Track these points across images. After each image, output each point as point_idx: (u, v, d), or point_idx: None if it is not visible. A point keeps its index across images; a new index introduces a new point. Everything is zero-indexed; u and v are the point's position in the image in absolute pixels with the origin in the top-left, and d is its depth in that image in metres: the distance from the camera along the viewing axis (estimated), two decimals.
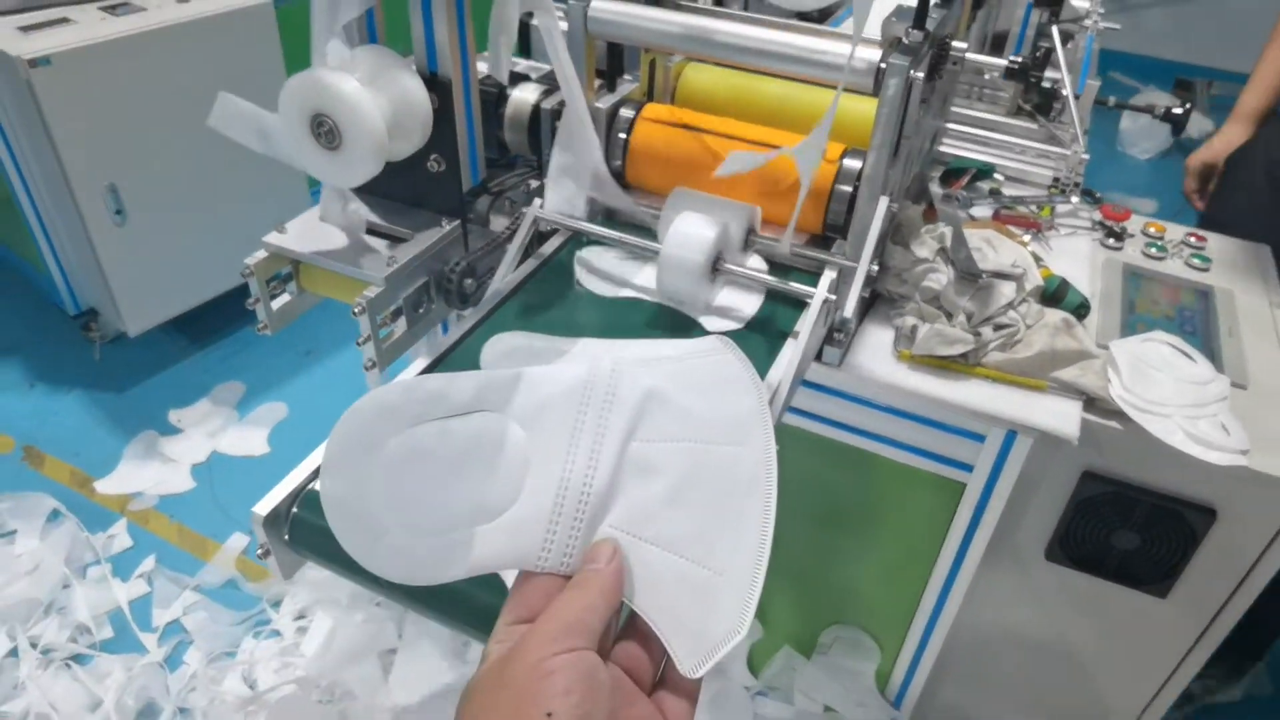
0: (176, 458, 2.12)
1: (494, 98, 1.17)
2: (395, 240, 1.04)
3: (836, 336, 1.01)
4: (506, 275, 1.00)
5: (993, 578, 1.20)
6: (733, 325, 0.93)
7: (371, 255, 1.01)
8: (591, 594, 0.46)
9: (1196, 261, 1.29)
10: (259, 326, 1.06)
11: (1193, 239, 1.35)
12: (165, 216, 2.16)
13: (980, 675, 1.34)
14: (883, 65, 0.89)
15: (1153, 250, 1.31)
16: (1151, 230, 1.36)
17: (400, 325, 1.03)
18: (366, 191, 1.09)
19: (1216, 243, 1.36)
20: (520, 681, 0.41)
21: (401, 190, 1.08)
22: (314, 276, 1.06)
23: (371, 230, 1.06)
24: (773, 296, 0.99)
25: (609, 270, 1.00)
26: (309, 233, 1.05)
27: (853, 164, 0.98)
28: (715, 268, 0.93)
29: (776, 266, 1.02)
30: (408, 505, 0.50)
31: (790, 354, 0.89)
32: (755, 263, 1.01)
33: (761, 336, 0.94)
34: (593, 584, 0.47)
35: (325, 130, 0.91)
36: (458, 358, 0.90)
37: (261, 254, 1.03)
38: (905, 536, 1.21)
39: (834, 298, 0.94)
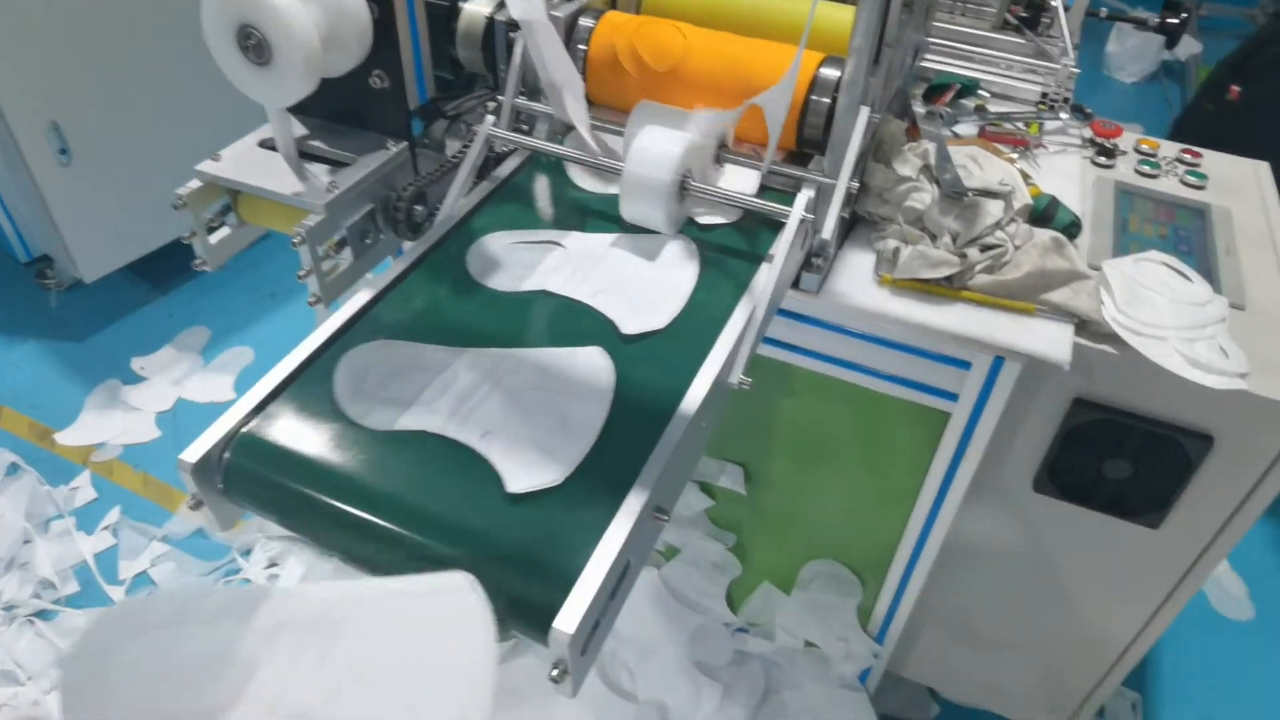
0: (140, 406, 2.05)
1: (444, 12, 1.08)
2: (337, 165, 0.97)
3: (815, 261, 0.95)
4: (458, 200, 0.93)
5: (978, 510, 1.16)
6: (689, 275, 0.86)
7: (312, 181, 0.94)
8: None
9: (1192, 179, 1.23)
10: (196, 262, 0.98)
11: (1187, 155, 1.29)
12: (114, 154, 2.05)
13: (965, 609, 1.31)
14: None
15: (1146, 168, 1.25)
16: (1144, 147, 1.30)
17: (346, 257, 0.96)
18: (305, 112, 1.01)
19: (1212, 159, 1.29)
20: None
21: (343, 111, 1.01)
22: (252, 206, 0.98)
23: (311, 155, 0.98)
24: (746, 218, 0.92)
25: (508, 261, 0.90)
26: (246, 159, 0.98)
27: (830, 73, 0.91)
28: (683, 186, 0.86)
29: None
30: (138, 702, 0.52)
31: (765, 279, 0.83)
32: (730, 180, 0.94)
33: (734, 261, 0.87)
34: None
35: (254, 44, 0.83)
36: (402, 293, 0.83)
37: (195, 184, 0.95)
38: (887, 469, 1.17)
39: (811, 218, 0.88)
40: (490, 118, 0.98)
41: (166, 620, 0.54)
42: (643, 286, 0.84)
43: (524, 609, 0.58)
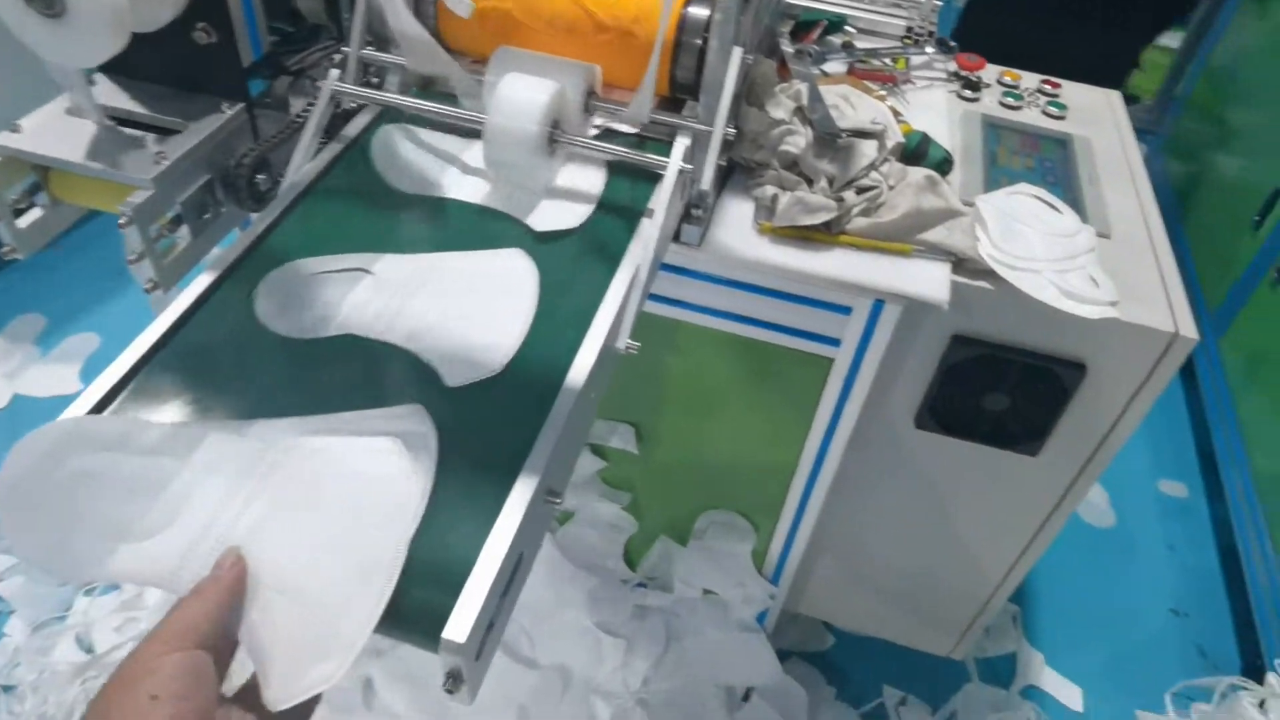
0: None
1: None
2: (165, 133, 0.86)
3: (694, 213, 0.91)
4: (303, 165, 0.84)
5: (864, 450, 1.17)
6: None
7: (136, 152, 0.84)
8: (206, 599, 0.50)
9: (1053, 109, 1.26)
10: (3, 250, 0.87)
11: (1047, 86, 1.31)
12: None
13: (856, 545, 1.34)
14: None
15: (1009, 99, 1.26)
16: (1007, 79, 1.31)
17: (184, 234, 0.87)
18: (121, 73, 0.90)
19: (1069, 89, 1.32)
20: (128, 677, 0.46)
21: (168, 71, 0.90)
22: (67, 183, 0.87)
23: (134, 122, 0.87)
24: (619, 170, 0.88)
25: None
26: (54, 129, 0.86)
27: (699, 11, 0.86)
28: (553, 139, 0.80)
29: (618, 135, 0.91)
30: (71, 513, 0.55)
31: (647, 235, 0.79)
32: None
33: (612, 218, 0.83)
34: (209, 589, 0.51)
35: None
36: (247, 269, 0.75)
37: None
38: (774, 417, 1.16)
39: (690, 168, 0.84)
40: (335, 72, 0.89)
41: (108, 444, 0.57)
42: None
43: (407, 616, 0.53)
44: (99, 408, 0.62)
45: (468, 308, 0.72)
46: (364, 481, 0.57)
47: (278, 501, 0.56)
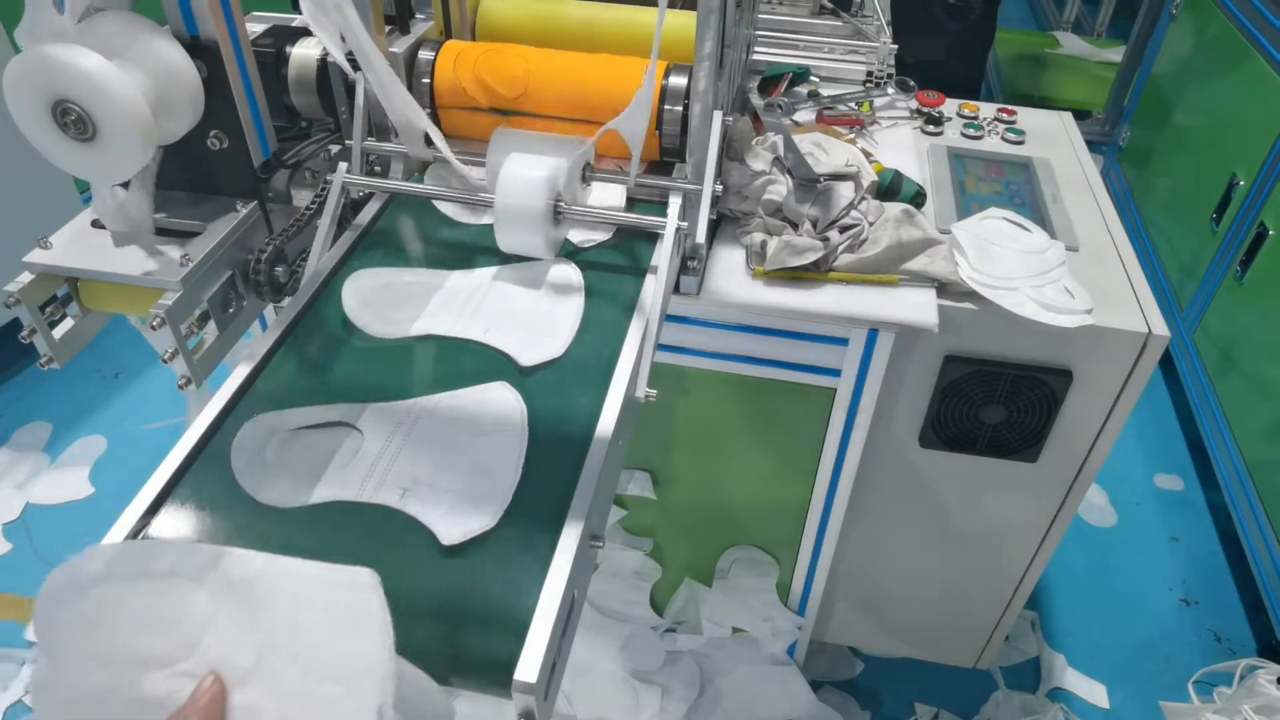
0: None
1: (272, 59, 1.04)
2: (186, 236, 0.91)
3: (691, 264, 0.97)
4: (323, 254, 0.89)
5: (874, 473, 1.22)
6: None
7: (161, 257, 0.88)
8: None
9: (1012, 135, 1.33)
10: (42, 361, 0.91)
11: (1004, 114, 1.39)
12: None
13: (875, 569, 1.38)
14: None
15: (970, 130, 1.34)
16: (966, 111, 1.39)
17: (210, 330, 0.91)
18: None
19: (1025, 115, 1.40)
20: None
21: (183, 178, 0.95)
22: (97, 292, 0.91)
23: (156, 229, 0.92)
24: (619, 232, 0.93)
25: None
26: (82, 242, 0.91)
27: (678, 81, 0.93)
28: (557, 210, 0.86)
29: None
30: (95, 646, 0.54)
31: (653, 291, 0.84)
32: (600, 197, 0.95)
33: (617, 277, 0.88)
34: (191, 713, 0.52)
35: (73, 119, 0.77)
36: (283, 359, 0.79)
37: (26, 276, 0.87)
38: (785, 449, 1.21)
39: (685, 225, 0.89)
40: (344, 164, 0.94)
41: (131, 572, 0.56)
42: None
43: (476, 663, 0.57)
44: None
45: (460, 464, 0.70)
46: (339, 621, 0.55)
47: (271, 638, 0.55)
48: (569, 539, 0.62)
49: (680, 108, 0.93)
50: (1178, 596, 1.78)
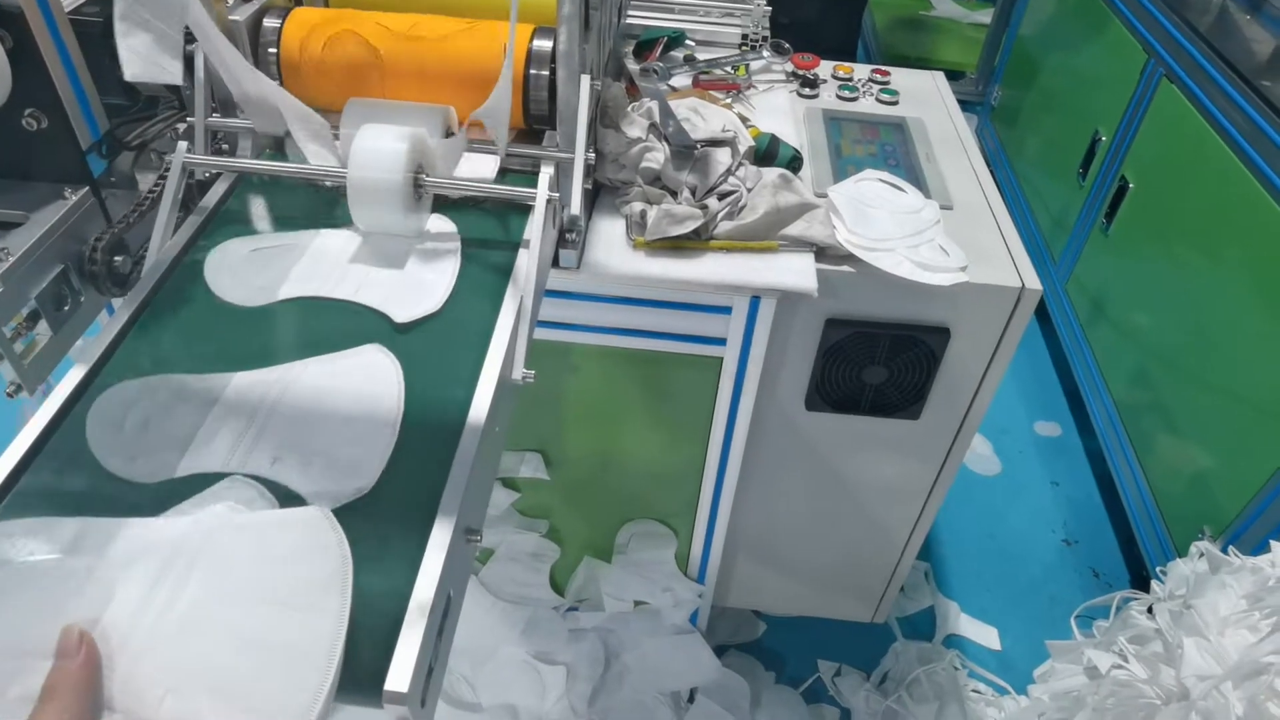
0: None
1: (99, 29, 0.95)
2: (5, 228, 0.82)
3: (568, 237, 0.94)
4: (165, 241, 0.82)
5: (764, 439, 1.22)
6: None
7: None
8: (61, 698, 0.47)
9: (886, 96, 1.34)
10: None
11: (878, 75, 1.40)
12: None
13: (771, 532, 1.39)
14: None
15: (845, 93, 1.34)
16: (840, 73, 1.39)
17: (43, 330, 0.83)
18: None
19: (899, 75, 1.42)
20: None
21: None
22: None
23: None
24: (490, 203, 0.89)
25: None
26: None
27: (544, 44, 0.89)
28: (418, 184, 0.81)
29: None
30: None
31: (526, 266, 0.81)
32: (469, 167, 0.91)
33: (489, 252, 0.84)
34: (60, 686, 0.48)
35: None
36: (123, 354, 0.73)
37: None
38: (676, 421, 1.20)
39: (557, 196, 0.86)
40: (183, 144, 0.87)
41: (18, 549, 0.55)
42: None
43: (344, 674, 0.54)
44: None
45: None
46: (290, 558, 0.57)
47: (205, 593, 0.54)
48: (442, 533, 0.59)
49: (547, 72, 0.89)
50: (1059, 538, 1.87)
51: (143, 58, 0.81)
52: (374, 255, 0.83)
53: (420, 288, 0.79)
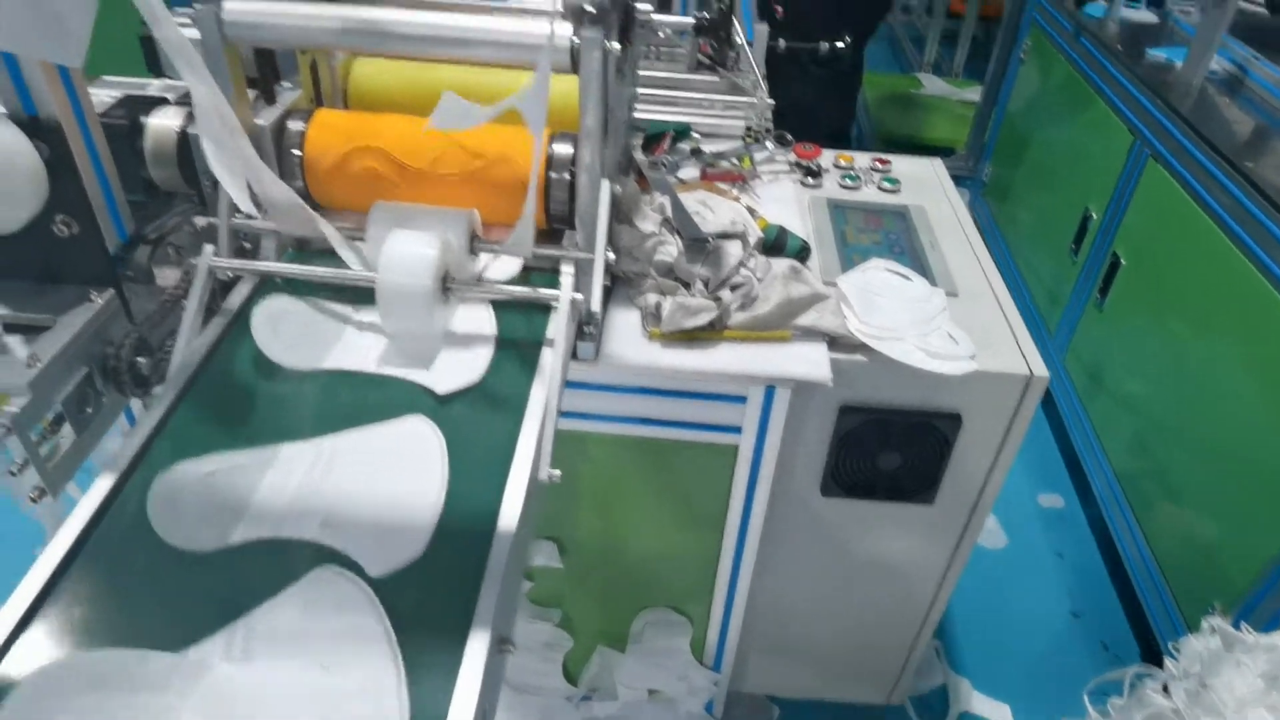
0: None
1: (125, 131, 0.98)
2: (34, 331, 0.83)
3: (587, 330, 0.95)
4: (191, 343, 0.83)
5: (780, 524, 1.22)
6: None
7: (4, 357, 0.80)
8: None
9: (887, 185, 1.38)
10: None
11: (878, 164, 1.44)
12: None
13: (787, 617, 1.38)
14: (576, 40, 0.81)
15: (848, 181, 1.38)
16: (842, 162, 1.43)
17: (67, 433, 0.83)
18: None
19: (899, 163, 1.46)
20: None
21: (27, 267, 0.87)
22: None
23: None
24: (508, 304, 0.91)
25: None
26: None
27: (563, 149, 0.92)
28: (446, 288, 0.83)
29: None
30: None
31: (551, 363, 0.82)
32: (494, 269, 0.93)
33: (513, 351, 0.85)
34: None
35: None
36: (153, 460, 0.73)
37: None
38: (692, 508, 1.20)
39: (581, 296, 0.88)
40: (209, 247, 0.89)
41: (101, 683, 0.55)
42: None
43: None
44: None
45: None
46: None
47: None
48: (477, 647, 0.58)
49: (567, 175, 0.92)
50: (1067, 610, 1.86)
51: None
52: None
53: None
